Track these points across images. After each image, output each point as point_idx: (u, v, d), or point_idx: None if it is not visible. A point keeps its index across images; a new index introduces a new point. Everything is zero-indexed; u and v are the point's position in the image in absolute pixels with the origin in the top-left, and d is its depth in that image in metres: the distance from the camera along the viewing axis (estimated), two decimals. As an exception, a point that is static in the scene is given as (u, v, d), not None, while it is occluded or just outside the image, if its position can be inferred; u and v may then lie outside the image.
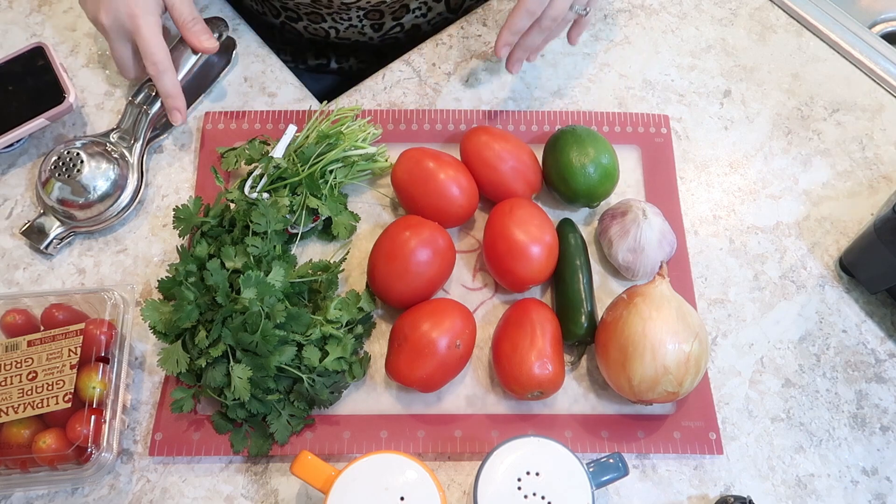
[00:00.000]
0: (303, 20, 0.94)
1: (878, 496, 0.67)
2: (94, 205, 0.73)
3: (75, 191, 0.71)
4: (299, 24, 0.95)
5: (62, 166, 0.72)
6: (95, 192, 0.72)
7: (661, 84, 0.87)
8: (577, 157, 0.73)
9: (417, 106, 0.84)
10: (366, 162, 0.76)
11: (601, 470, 0.60)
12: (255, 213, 0.68)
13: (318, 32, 0.96)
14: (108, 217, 0.74)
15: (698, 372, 0.64)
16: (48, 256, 0.74)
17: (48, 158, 0.72)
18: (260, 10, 0.96)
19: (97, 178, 0.72)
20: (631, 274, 0.74)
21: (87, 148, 0.73)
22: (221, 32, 0.80)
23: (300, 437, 0.66)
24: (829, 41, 0.91)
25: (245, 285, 0.62)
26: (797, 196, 0.81)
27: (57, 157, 0.72)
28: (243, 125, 0.80)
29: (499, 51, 0.75)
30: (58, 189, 0.71)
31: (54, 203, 0.72)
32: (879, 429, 0.70)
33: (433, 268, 0.68)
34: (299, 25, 0.96)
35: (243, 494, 0.65)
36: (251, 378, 0.62)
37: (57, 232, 0.73)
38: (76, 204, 0.72)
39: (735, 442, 0.69)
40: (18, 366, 0.63)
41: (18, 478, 0.61)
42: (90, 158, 0.72)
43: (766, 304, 0.75)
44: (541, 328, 0.66)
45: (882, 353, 0.73)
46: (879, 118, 0.86)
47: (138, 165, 0.76)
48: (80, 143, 0.74)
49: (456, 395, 0.69)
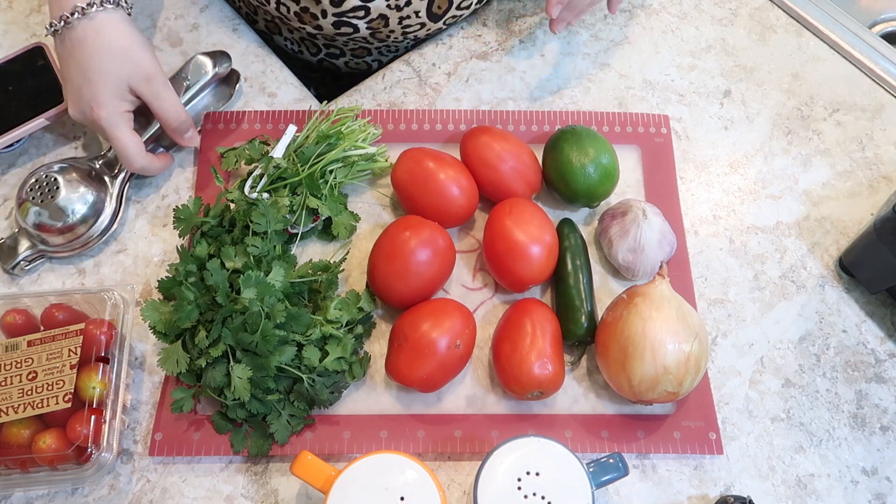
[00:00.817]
0: (346, 56, 0.93)
1: (878, 496, 0.67)
2: (70, 229, 0.71)
3: (52, 215, 0.70)
4: (340, 60, 0.94)
5: (38, 189, 0.71)
6: (74, 216, 0.71)
7: (661, 84, 0.87)
8: (577, 157, 0.73)
9: (417, 106, 0.84)
10: (366, 162, 0.76)
11: (601, 470, 0.60)
12: (255, 213, 0.68)
13: (359, 66, 0.95)
14: (78, 245, 0.72)
15: (698, 372, 0.64)
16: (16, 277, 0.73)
17: (26, 180, 0.71)
18: (296, 49, 0.94)
19: (74, 202, 0.71)
20: (631, 274, 0.74)
21: (65, 172, 0.72)
22: (224, 67, 0.80)
23: (300, 437, 0.66)
24: (829, 41, 0.91)
25: (245, 285, 0.62)
26: (797, 196, 0.81)
27: (35, 179, 0.71)
28: (243, 125, 0.80)
29: (551, 8, 0.75)
30: (33, 213, 0.70)
31: (28, 226, 0.71)
32: (879, 429, 0.70)
33: (433, 268, 0.68)
34: (340, 61, 0.94)
35: (243, 494, 0.65)
36: (251, 378, 0.62)
37: (26, 254, 0.71)
38: (52, 228, 0.70)
39: (735, 442, 0.69)
40: (18, 366, 0.63)
41: (18, 478, 0.61)
42: (68, 184, 0.71)
43: (766, 304, 0.75)
44: (541, 328, 0.66)
45: (882, 353, 0.73)
46: (879, 118, 0.86)
47: (118, 195, 0.74)
48: (59, 166, 0.72)
49: (456, 395, 0.69)
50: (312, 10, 0.80)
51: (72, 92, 0.70)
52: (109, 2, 0.68)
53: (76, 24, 0.68)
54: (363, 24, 0.81)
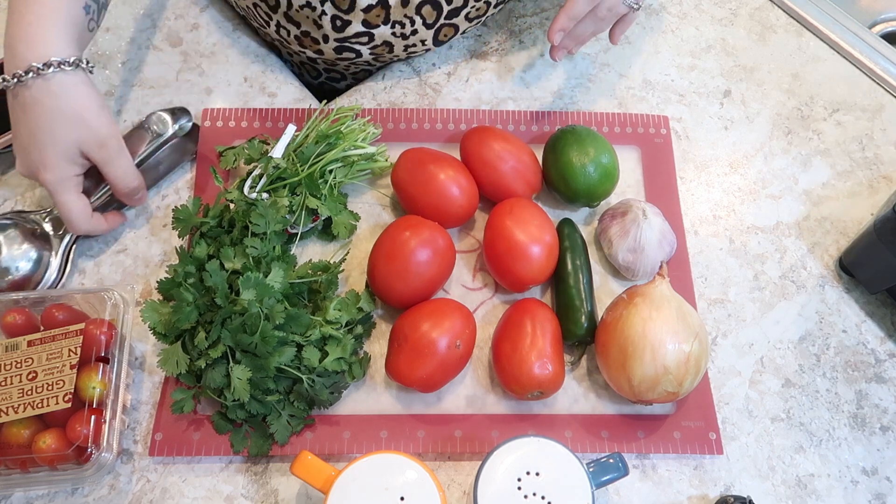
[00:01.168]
0: (346, 79, 0.93)
1: (878, 496, 0.67)
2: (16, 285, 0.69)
3: None
4: (341, 84, 0.94)
5: None
6: (17, 273, 0.70)
7: (661, 84, 0.87)
8: (577, 157, 0.73)
9: (417, 106, 0.84)
10: (366, 162, 0.76)
11: (601, 470, 0.60)
12: (254, 213, 0.68)
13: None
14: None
15: (698, 372, 0.64)
16: None
17: None
18: (296, 72, 0.92)
19: (17, 259, 0.70)
20: (631, 274, 0.74)
21: (6, 230, 0.70)
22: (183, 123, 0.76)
23: (300, 437, 0.66)
24: (829, 41, 0.91)
25: (244, 286, 0.62)
26: (797, 196, 0.81)
27: None
28: (242, 123, 0.80)
29: (552, 35, 0.73)
30: None
31: None
32: (879, 429, 0.70)
33: (433, 268, 0.68)
34: (341, 84, 0.94)
35: (243, 494, 0.65)
36: (251, 379, 0.62)
37: None
38: None
39: (735, 442, 0.69)
40: (18, 366, 0.63)
41: (18, 478, 0.61)
42: (9, 241, 0.70)
43: (766, 304, 0.75)
44: (541, 328, 0.66)
45: (882, 353, 0.73)
46: (879, 118, 0.86)
47: (64, 254, 0.71)
48: (2, 222, 0.71)
49: (456, 395, 0.69)
50: (314, 35, 0.79)
51: (20, 149, 0.66)
52: (68, 63, 0.64)
53: (30, 83, 0.63)
54: (366, 50, 0.81)
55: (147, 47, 0.86)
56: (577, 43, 0.77)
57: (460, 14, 0.81)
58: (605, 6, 0.72)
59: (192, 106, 0.82)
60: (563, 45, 0.77)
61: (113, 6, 0.88)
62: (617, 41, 0.79)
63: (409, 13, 0.78)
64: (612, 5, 0.73)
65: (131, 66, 0.85)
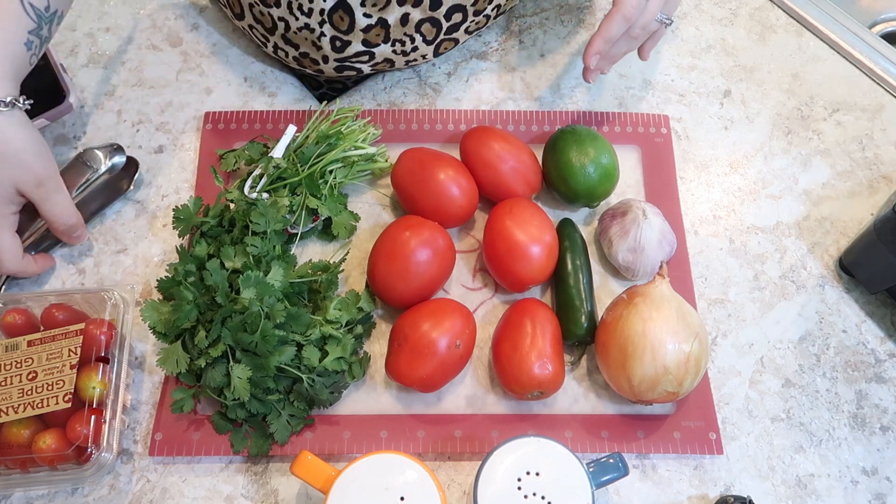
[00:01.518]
0: (348, 89, 0.92)
1: (878, 496, 0.67)
2: None
3: None
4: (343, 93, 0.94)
5: None
6: None
7: (661, 84, 0.87)
8: (577, 157, 0.73)
9: (417, 106, 0.84)
10: (366, 162, 0.76)
11: (601, 470, 0.60)
12: (254, 213, 0.68)
13: None
14: None
15: (698, 372, 0.64)
16: None
17: None
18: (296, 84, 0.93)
19: None
20: (631, 274, 0.74)
21: None
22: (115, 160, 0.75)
23: (300, 437, 0.66)
24: (829, 41, 0.91)
25: (244, 285, 0.62)
26: (797, 196, 0.81)
27: None
28: (243, 125, 0.80)
29: (588, 59, 0.72)
30: None
31: None
32: (879, 429, 0.70)
33: (433, 268, 0.68)
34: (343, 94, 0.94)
35: (243, 494, 0.65)
36: (251, 378, 0.62)
37: None
38: None
39: (735, 442, 0.69)
40: (18, 366, 0.63)
41: (18, 478, 0.61)
42: None
43: (766, 304, 0.75)
44: (541, 328, 0.66)
45: (882, 353, 0.73)
46: (879, 118, 0.86)
47: None
48: None
49: (456, 395, 0.69)
50: (313, 56, 0.79)
51: None
52: (4, 104, 0.62)
53: None
54: (367, 67, 0.81)
55: (147, 47, 0.86)
56: (610, 63, 0.76)
57: (460, 29, 0.81)
58: (640, 25, 0.71)
59: (192, 106, 0.82)
60: (598, 67, 0.76)
61: (113, 6, 0.88)
62: (647, 57, 0.78)
63: (409, 31, 0.77)
64: (645, 23, 0.71)
65: (131, 66, 0.85)
